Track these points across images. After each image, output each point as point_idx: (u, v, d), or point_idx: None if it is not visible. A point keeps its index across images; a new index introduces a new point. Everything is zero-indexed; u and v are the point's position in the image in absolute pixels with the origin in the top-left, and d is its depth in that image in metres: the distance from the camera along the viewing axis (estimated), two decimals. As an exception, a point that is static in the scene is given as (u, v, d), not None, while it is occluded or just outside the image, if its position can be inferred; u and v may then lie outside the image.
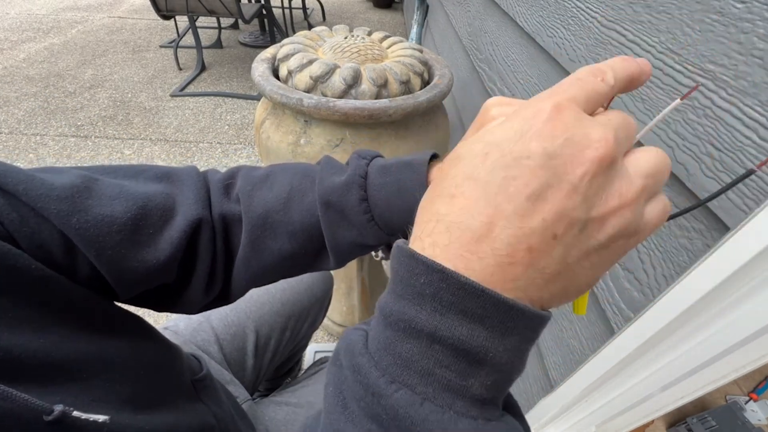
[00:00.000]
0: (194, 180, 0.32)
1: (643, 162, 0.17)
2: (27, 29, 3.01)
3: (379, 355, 0.17)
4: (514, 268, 0.16)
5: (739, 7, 0.31)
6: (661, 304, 0.38)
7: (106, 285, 0.28)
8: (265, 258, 0.32)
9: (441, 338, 0.16)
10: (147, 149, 1.85)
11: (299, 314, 0.68)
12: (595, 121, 0.16)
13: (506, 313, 0.16)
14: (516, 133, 0.16)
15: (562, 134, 0.15)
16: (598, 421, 0.57)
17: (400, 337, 0.17)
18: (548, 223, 0.15)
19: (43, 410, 0.21)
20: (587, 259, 0.16)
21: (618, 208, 0.16)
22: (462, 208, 0.16)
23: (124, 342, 0.30)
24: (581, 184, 0.15)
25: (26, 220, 0.24)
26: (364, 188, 0.30)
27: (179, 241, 0.29)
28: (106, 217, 0.26)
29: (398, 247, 0.18)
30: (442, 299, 0.16)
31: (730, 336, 0.35)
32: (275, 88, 0.67)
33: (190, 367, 0.41)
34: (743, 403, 0.92)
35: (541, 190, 0.15)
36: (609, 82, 0.17)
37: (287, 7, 3.11)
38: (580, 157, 0.15)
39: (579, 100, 0.16)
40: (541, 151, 0.15)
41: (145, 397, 0.29)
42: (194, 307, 0.34)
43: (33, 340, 0.22)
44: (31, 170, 0.26)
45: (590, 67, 0.18)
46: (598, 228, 0.16)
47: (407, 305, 0.17)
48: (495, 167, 0.16)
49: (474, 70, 1.10)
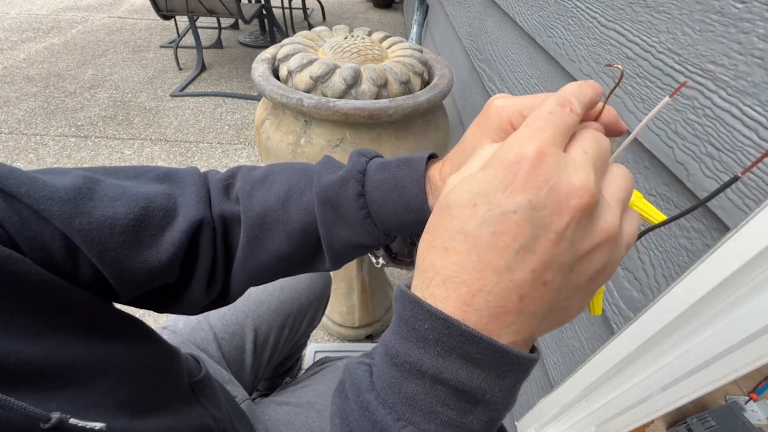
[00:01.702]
0: (195, 180, 0.32)
1: (617, 189, 0.18)
2: (27, 29, 3.01)
3: (385, 393, 0.19)
4: (507, 316, 0.17)
5: (739, 7, 0.31)
6: (660, 304, 0.38)
7: (107, 286, 0.28)
8: (263, 258, 0.32)
9: (443, 380, 0.17)
10: (147, 149, 1.85)
11: (297, 313, 0.68)
12: (574, 163, 0.17)
13: (502, 358, 0.17)
14: (501, 182, 0.17)
15: (545, 183, 0.16)
16: (598, 421, 0.57)
17: (405, 377, 0.18)
18: (537, 273, 0.16)
19: (41, 418, 0.20)
20: (577, 292, 0.17)
21: (604, 242, 0.17)
22: (455, 263, 0.17)
23: (122, 346, 0.30)
24: (567, 232, 0.16)
25: (28, 223, 0.24)
26: (362, 183, 0.30)
27: (181, 242, 0.29)
28: (109, 218, 0.26)
29: (402, 291, 0.19)
30: (445, 344, 0.17)
31: (730, 336, 0.35)
32: (275, 88, 0.67)
33: (189, 368, 0.41)
34: (743, 403, 0.92)
35: (529, 243, 0.16)
36: (576, 111, 0.18)
37: (287, 7, 3.11)
38: (565, 206, 0.16)
39: (557, 138, 0.17)
40: (526, 204, 0.16)
41: (143, 400, 0.29)
42: (195, 307, 0.34)
43: (30, 345, 0.22)
44: (33, 172, 0.26)
45: (556, 99, 0.19)
46: (586, 265, 0.17)
47: (412, 348, 0.18)
48: (483, 221, 0.16)
49: (474, 70, 1.10)
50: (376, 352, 0.21)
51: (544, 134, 0.17)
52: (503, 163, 0.17)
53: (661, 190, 0.40)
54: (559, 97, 0.19)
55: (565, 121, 0.18)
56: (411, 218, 0.29)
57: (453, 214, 0.18)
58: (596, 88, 0.21)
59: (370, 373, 0.20)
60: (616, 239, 0.17)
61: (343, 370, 0.22)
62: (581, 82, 0.21)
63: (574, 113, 0.18)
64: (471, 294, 0.17)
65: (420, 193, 0.28)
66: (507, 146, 0.17)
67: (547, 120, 0.17)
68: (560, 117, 0.18)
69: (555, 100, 0.19)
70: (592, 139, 0.18)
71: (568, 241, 0.16)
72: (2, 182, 0.23)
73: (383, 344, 0.20)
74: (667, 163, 0.38)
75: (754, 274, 0.31)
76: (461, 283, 0.17)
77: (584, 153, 0.17)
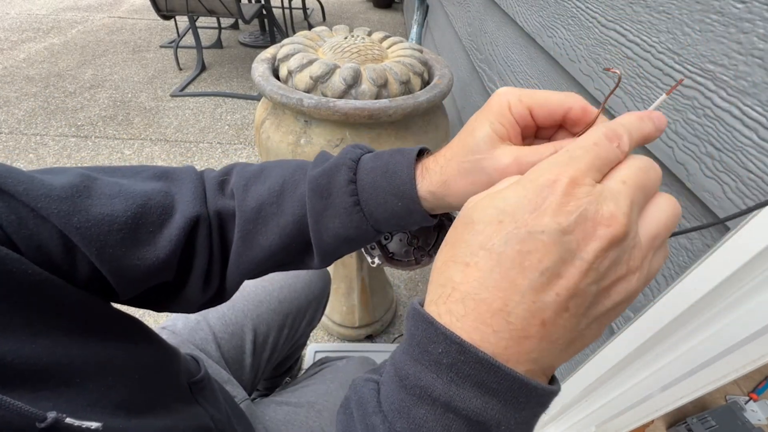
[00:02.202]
0: (191, 178, 0.32)
1: (655, 224, 0.17)
2: (27, 29, 3.01)
3: (392, 416, 0.18)
4: (528, 341, 0.16)
5: (739, 7, 0.31)
6: (661, 304, 0.38)
7: (106, 285, 0.28)
8: (255, 254, 0.32)
9: (456, 408, 0.16)
10: (147, 149, 1.85)
11: (297, 312, 0.68)
12: (608, 194, 0.16)
13: (520, 389, 0.16)
14: (530, 203, 0.16)
15: (575, 209, 0.15)
16: (598, 421, 0.57)
17: (414, 402, 0.17)
18: (561, 297, 0.16)
19: (36, 417, 0.20)
20: (595, 322, 0.17)
21: (626, 275, 0.16)
22: (476, 280, 0.17)
23: (120, 345, 0.29)
24: (594, 261, 0.15)
25: (25, 221, 0.24)
26: (354, 171, 0.30)
27: (178, 239, 0.29)
28: (107, 215, 0.26)
29: (415, 310, 0.18)
30: (460, 371, 0.16)
31: (730, 336, 0.35)
32: (275, 88, 0.67)
33: (188, 368, 0.41)
34: (743, 403, 0.92)
35: (555, 266, 0.15)
36: (623, 149, 0.18)
37: (287, 7, 3.11)
38: (593, 235, 0.15)
39: (593, 169, 0.17)
40: (555, 227, 0.15)
41: (140, 400, 0.29)
42: (192, 305, 0.34)
43: (26, 345, 0.22)
44: (31, 171, 0.26)
45: (607, 130, 0.18)
46: (606, 295, 0.16)
47: (424, 371, 0.17)
48: (509, 239, 0.16)
49: (474, 70, 1.10)
50: (385, 370, 0.20)
51: (580, 164, 0.16)
52: (534, 184, 0.16)
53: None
54: (609, 129, 0.18)
55: (608, 156, 0.17)
56: (400, 207, 0.28)
57: (477, 229, 0.17)
58: (659, 123, 0.19)
59: (377, 392, 0.20)
60: (639, 275, 0.17)
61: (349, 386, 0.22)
62: (644, 114, 0.19)
63: (621, 149, 0.18)
64: (491, 313, 0.16)
65: (409, 179, 0.28)
66: (540, 169, 0.17)
67: (588, 150, 0.17)
68: (603, 150, 0.17)
69: (604, 131, 0.18)
70: (637, 169, 0.17)
71: (593, 270, 0.16)
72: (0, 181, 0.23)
73: (393, 363, 0.19)
74: (667, 163, 0.38)
75: (754, 274, 0.31)
76: (481, 301, 0.16)
77: (623, 183, 0.17)
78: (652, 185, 0.18)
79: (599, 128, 0.18)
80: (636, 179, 0.17)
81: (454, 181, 0.26)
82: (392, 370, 0.19)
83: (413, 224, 0.30)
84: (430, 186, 0.27)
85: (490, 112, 0.24)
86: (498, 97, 0.24)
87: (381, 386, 0.20)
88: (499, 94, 0.24)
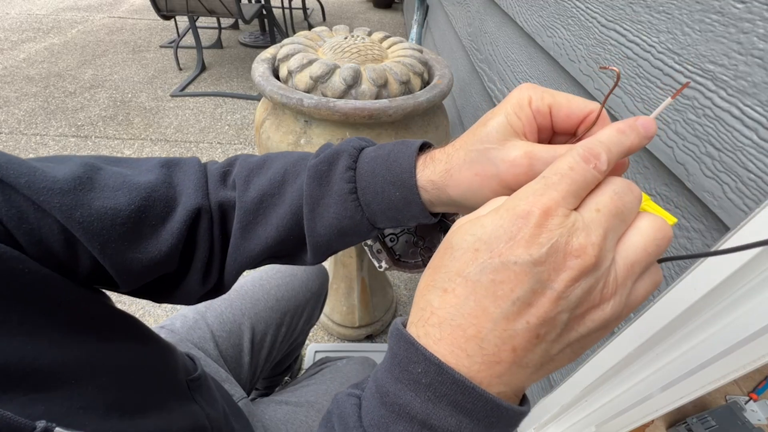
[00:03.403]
0: (195, 169, 0.32)
1: (632, 251, 0.17)
2: (27, 29, 3.01)
3: (372, 431, 0.19)
4: (500, 366, 0.17)
5: (739, 7, 0.31)
6: (660, 304, 0.38)
7: (107, 277, 0.28)
8: (253, 245, 0.32)
9: (432, 426, 0.17)
10: (147, 149, 1.85)
11: (295, 310, 0.68)
12: (580, 224, 0.16)
13: (492, 410, 0.17)
14: (506, 233, 0.17)
15: (547, 242, 0.16)
16: (598, 421, 0.57)
17: (393, 419, 0.18)
18: (531, 325, 0.16)
19: (25, 428, 0.20)
20: (569, 347, 0.17)
21: (599, 303, 0.17)
22: (453, 306, 0.17)
23: (116, 345, 0.29)
24: (564, 290, 0.16)
25: (26, 215, 0.23)
26: (355, 159, 0.29)
27: (180, 232, 0.29)
28: (110, 209, 0.26)
29: (398, 330, 0.19)
30: (437, 390, 0.17)
31: (730, 336, 0.35)
32: (275, 89, 0.67)
33: (185, 366, 0.41)
34: (743, 403, 0.92)
35: (526, 296, 0.16)
36: (601, 169, 0.17)
37: (287, 7, 3.11)
38: (564, 265, 0.16)
39: (569, 196, 0.17)
40: (527, 258, 0.16)
41: (134, 401, 0.29)
42: (191, 297, 0.34)
43: (21, 345, 0.22)
44: (33, 161, 0.25)
45: (584, 150, 0.18)
46: (579, 323, 0.17)
47: (403, 389, 0.18)
48: (484, 268, 0.17)
49: (474, 70, 1.10)
50: (367, 386, 0.21)
51: (554, 192, 0.17)
52: (510, 214, 0.17)
53: (661, 190, 0.40)
54: (586, 149, 0.18)
55: (585, 179, 0.17)
56: (398, 197, 0.28)
57: (455, 256, 0.18)
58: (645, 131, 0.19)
59: (358, 407, 0.20)
60: (614, 303, 0.17)
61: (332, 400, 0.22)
62: (625, 125, 0.19)
63: (598, 170, 0.17)
64: (465, 339, 0.17)
65: (409, 167, 0.27)
66: (518, 197, 0.17)
67: (563, 176, 0.17)
68: (578, 175, 0.17)
69: (579, 153, 0.18)
70: (613, 194, 0.17)
71: (566, 300, 0.16)
72: (1, 172, 0.23)
73: (375, 380, 0.20)
74: (667, 163, 0.38)
75: (754, 274, 0.31)
76: (456, 327, 0.17)
77: (597, 212, 0.17)
78: (630, 209, 0.18)
79: (576, 149, 0.18)
80: (610, 206, 0.17)
81: (458, 170, 0.25)
82: (374, 387, 0.20)
83: (410, 218, 0.29)
84: (431, 175, 0.26)
85: (508, 103, 0.23)
86: (519, 91, 0.23)
87: (362, 401, 0.20)
88: (521, 88, 0.23)
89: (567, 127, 0.23)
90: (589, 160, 0.17)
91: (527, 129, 0.23)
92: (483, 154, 0.23)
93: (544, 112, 0.23)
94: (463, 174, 0.25)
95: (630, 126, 0.19)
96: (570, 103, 0.22)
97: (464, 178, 0.24)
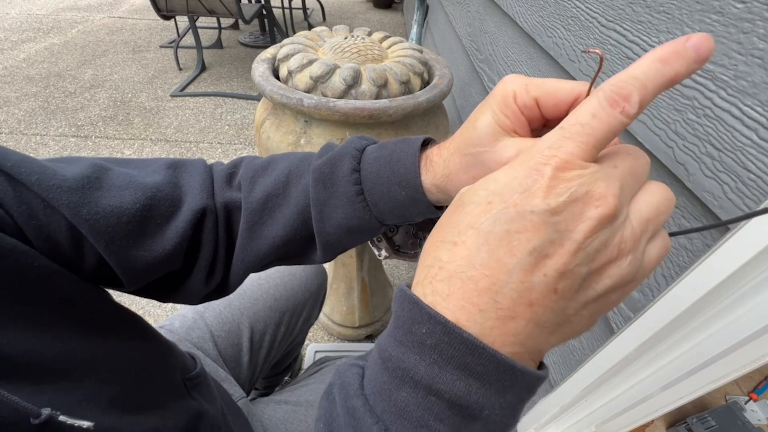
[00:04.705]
0: (200, 170, 0.32)
1: (645, 207, 0.17)
2: (27, 29, 3.01)
3: (374, 399, 0.17)
4: (514, 322, 0.16)
5: (739, 7, 0.31)
6: (661, 304, 0.38)
7: (112, 276, 0.28)
8: (260, 246, 0.32)
9: (438, 391, 0.16)
10: (147, 149, 1.85)
11: (294, 310, 0.68)
12: (599, 174, 0.15)
13: (505, 372, 0.16)
14: (520, 184, 0.16)
15: (565, 191, 0.15)
16: (598, 421, 0.57)
17: (396, 384, 0.17)
18: (549, 278, 0.15)
19: (31, 413, 0.20)
20: (585, 308, 0.16)
21: (617, 258, 0.16)
22: (463, 258, 0.16)
23: (119, 340, 0.30)
24: (583, 241, 0.15)
25: (36, 212, 0.24)
26: (359, 160, 0.29)
27: (185, 231, 0.29)
28: (116, 207, 0.27)
29: (402, 291, 0.18)
30: (443, 352, 0.16)
31: (730, 336, 0.35)
32: (275, 89, 0.67)
33: (184, 364, 0.41)
34: (743, 403, 0.92)
35: (544, 246, 0.15)
36: (630, 113, 0.15)
37: (287, 7, 3.11)
38: (582, 215, 0.15)
39: (588, 149, 0.16)
40: (544, 207, 0.15)
41: (134, 396, 0.29)
42: (195, 296, 0.34)
43: (27, 338, 0.22)
44: (45, 161, 0.26)
45: (612, 91, 0.15)
46: (596, 279, 0.16)
47: (407, 353, 0.17)
48: (498, 218, 0.16)
49: (474, 70, 1.10)
50: (371, 355, 0.20)
51: (572, 144, 0.15)
52: (525, 166, 0.16)
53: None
54: (613, 89, 0.15)
55: (609, 127, 0.15)
56: (404, 196, 0.28)
57: (466, 210, 0.17)
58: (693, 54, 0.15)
59: (361, 376, 0.19)
60: (631, 259, 0.16)
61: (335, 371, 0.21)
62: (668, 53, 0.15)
63: (626, 115, 0.15)
64: (477, 292, 0.16)
65: (413, 167, 0.27)
66: (534, 149, 0.16)
67: (585, 125, 0.15)
68: (603, 122, 0.15)
69: (606, 95, 0.15)
70: (627, 154, 0.17)
71: (585, 251, 0.15)
72: (14, 170, 0.23)
73: (377, 346, 0.19)
74: (667, 163, 0.38)
75: (754, 274, 0.31)
76: (468, 279, 0.16)
77: (614, 167, 0.16)
78: (642, 172, 0.17)
79: (602, 89, 0.16)
80: (627, 164, 0.17)
81: (456, 176, 0.25)
82: (376, 353, 0.19)
83: (418, 215, 0.29)
84: (434, 179, 0.27)
85: (494, 101, 0.23)
86: (503, 86, 0.22)
87: (366, 370, 0.19)
88: (504, 81, 0.22)
89: (557, 114, 0.22)
90: (617, 103, 0.15)
91: (516, 125, 0.22)
92: (476, 158, 0.23)
93: (530, 106, 0.22)
94: (462, 179, 0.25)
95: (676, 52, 0.15)
96: (557, 91, 0.21)
97: (463, 183, 0.24)
